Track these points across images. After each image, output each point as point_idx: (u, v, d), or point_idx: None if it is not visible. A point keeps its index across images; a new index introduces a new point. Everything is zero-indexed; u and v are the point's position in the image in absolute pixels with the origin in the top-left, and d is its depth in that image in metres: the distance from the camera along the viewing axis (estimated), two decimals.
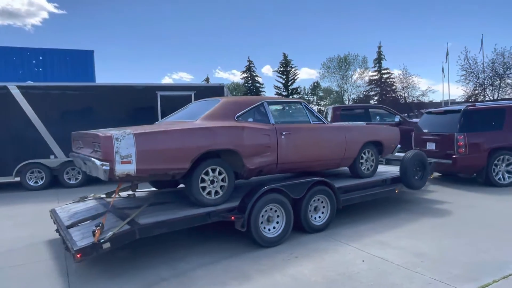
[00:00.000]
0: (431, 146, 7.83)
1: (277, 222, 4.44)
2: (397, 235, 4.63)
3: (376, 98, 53.45)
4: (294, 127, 5.11)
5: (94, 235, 3.41)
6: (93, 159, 3.79)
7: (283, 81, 62.32)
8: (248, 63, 66.29)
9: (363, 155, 5.92)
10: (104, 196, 5.15)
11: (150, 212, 4.15)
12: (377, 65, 54.03)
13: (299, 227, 4.65)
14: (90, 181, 9.16)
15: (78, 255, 3.29)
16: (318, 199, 4.81)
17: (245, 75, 65.11)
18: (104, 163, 3.59)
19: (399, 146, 6.72)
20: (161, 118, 9.29)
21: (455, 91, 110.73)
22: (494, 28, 67.86)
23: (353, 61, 53.12)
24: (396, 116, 10.45)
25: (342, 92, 55.52)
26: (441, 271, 3.48)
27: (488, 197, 6.59)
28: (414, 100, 46.02)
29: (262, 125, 4.81)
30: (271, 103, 5.22)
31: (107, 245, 3.42)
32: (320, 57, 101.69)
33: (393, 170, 6.51)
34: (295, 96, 63.97)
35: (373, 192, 5.61)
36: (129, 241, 3.68)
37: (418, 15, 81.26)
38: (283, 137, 4.86)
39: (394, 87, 51.90)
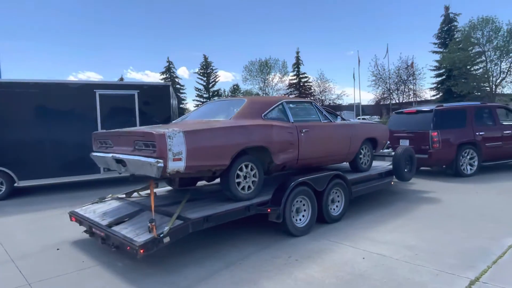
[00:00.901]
0: (404, 142, 8.50)
1: (304, 214, 4.79)
2: (381, 230, 4.78)
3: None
4: (310, 125, 5.38)
5: (150, 230, 3.52)
6: (140, 157, 3.84)
7: (204, 83, 61.77)
8: (167, 64, 64.34)
9: (361, 150, 6.32)
10: (123, 196, 5.23)
11: (190, 208, 4.20)
12: (296, 69, 56.53)
13: (320, 218, 4.95)
14: (14, 193, 7.93)
15: (141, 251, 3.38)
16: (335, 192, 5.23)
17: (164, 76, 63.13)
18: (159, 160, 3.61)
19: (388, 142, 7.31)
20: (101, 120, 8.43)
21: (366, 95, 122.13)
22: (399, 37, 76.48)
23: (273, 65, 54.76)
24: (338, 116, 10.93)
25: (264, 95, 56.84)
26: (439, 262, 3.64)
27: (456, 188, 7.36)
28: (330, 103, 49.20)
29: (285, 123, 5.04)
30: (288, 102, 5.43)
31: (167, 239, 3.55)
32: (236, 60, 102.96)
33: (383, 164, 7.04)
34: (215, 98, 64.01)
35: (374, 184, 6.16)
36: (183, 235, 3.78)
37: (332, 25, 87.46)
38: (302, 134, 5.14)
39: (311, 90, 54.93)
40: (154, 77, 69.65)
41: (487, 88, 32.69)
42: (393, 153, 6.83)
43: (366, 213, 5.66)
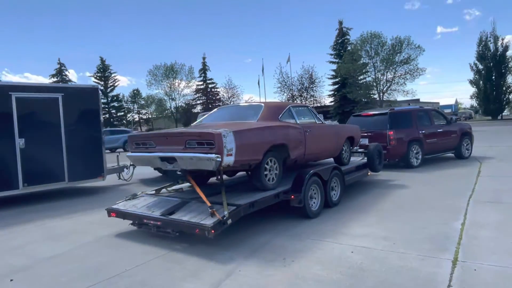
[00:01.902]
0: (364, 141, 9.50)
1: (314, 200, 5.66)
2: (350, 225, 5.07)
3: (202, 106, 55.68)
4: (311, 125, 6.30)
5: (212, 215, 4.16)
6: (196, 154, 4.41)
7: (102, 87, 57.62)
8: (59, 66, 58.43)
9: (343, 147, 7.37)
10: (153, 192, 5.79)
11: (231, 197, 4.83)
12: (203, 75, 56.36)
13: (325, 203, 5.86)
14: None
15: (212, 231, 3.99)
16: (334, 181, 6.22)
17: (55, 78, 57.16)
18: (217, 155, 4.23)
19: (361, 140, 8.66)
20: (19, 127, 7.29)
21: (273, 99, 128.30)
22: (302, 48, 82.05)
23: (180, 70, 53.71)
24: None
25: (169, 100, 55.26)
26: (417, 248, 4.04)
27: (406, 178, 8.50)
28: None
29: (295, 124, 5.91)
30: (294, 106, 6.27)
31: (229, 221, 4.21)
32: (139, 65, 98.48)
33: (355, 160, 8.21)
34: (115, 104, 60.10)
35: (358, 174, 7.45)
36: (237, 218, 4.40)
37: (237, 33, 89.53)
38: (307, 133, 6.00)
39: (219, 96, 55.36)
40: (37, 80, 62.35)
41: (375, 95, 37.19)
42: (360, 150, 8.40)
43: (329, 210, 5.94)
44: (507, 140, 17.07)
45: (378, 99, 35.91)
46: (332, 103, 44.65)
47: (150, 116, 63.33)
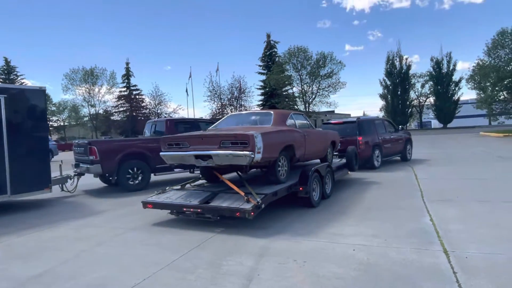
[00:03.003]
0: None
1: (315, 192, 6.69)
2: (335, 225, 5.34)
3: (126, 114, 52.98)
4: (307, 130, 7.48)
5: (248, 201, 5.16)
6: (231, 151, 5.39)
7: None
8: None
9: (328, 149, 8.62)
10: (179, 187, 6.68)
11: (255, 189, 5.69)
12: (126, 81, 53.72)
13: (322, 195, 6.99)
14: None
15: (252, 213, 4.97)
16: (327, 177, 7.33)
17: None
18: (251, 152, 5.25)
19: (339, 145, 9.96)
20: None
21: (202, 109, 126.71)
22: (233, 58, 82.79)
23: (100, 74, 50.50)
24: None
25: (88, 106, 51.50)
26: (407, 243, 4.44)
27: (371, 178, 8.77)
28: (166, 116, 48.78)
29: (298, 128, 7.11)
30: (294, 114, 7.50)
31: (263, 206, 5.24)
32: (55, 70, 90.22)
33: (334, 161, 9.44)
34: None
35: (341, 173, 8.70)
36: (266, 204, 5.41)
37: (165, 40, 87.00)
38: (306, 136, 7.15)
39: (144, 104, 53.19)
40: None
41: (301, 106, 39.20)
42: (335, 153, 9.77)
43: (309, 213, 6.18)
44: (416, 147, 19.26)
45: (304, 110, 37.88)
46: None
47: (62, 124, 58.13)
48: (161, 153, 6.30)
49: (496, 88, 31.91)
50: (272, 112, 7.13)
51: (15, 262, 4.39)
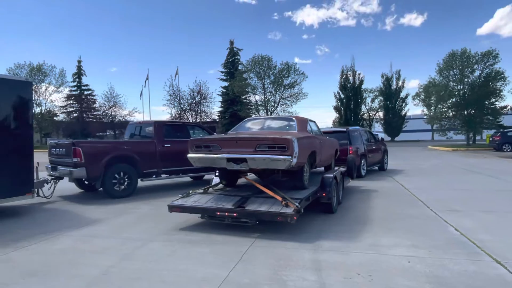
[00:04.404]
0: None
1: (334, 197, 6.67)
2: (367, 236, 5.20)
3: (75, 115, 49.83)
4: (321, 137, 7.58)
5: (287, 205, 5.09)
6: (269, 155, 5.31)
7: None
8: None
9: (333, 157, 8.89)
10: (201, 191, 6.38)
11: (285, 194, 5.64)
12: (77, 80, 50.58)
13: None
14: None
15: (295, 218, 4.92)
16: (341, 184, 7.47)
17: None
18: (291, 156, 5.26)
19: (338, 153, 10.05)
20: None
21: (161, 113, 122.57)
22: (195, 62, 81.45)
23: (49, 72, 46.90)
24: (214, 133, 10.89)
25: (35, 105, 47.51)
26: (455, 253, 4.40)
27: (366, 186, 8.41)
28: (121, 120, 46.51)
29: (316, 135, 7.24)
30: (310, 121, 7.54)
31: (302, 210, 5.24)
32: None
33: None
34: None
35: (346, 181, 8.77)
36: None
37: (121, 39, 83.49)
38: (321, 143, 7.23)
39: (95, 105, 50.40)
40: None
41: (263, 115, 39.33)
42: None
43: (327, 222, 5.98)
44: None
45: None
46: (219, 119, 45.40)
47: None
48: (188, 155, 6.10)
49: (445, 105, 34.46)
50: (294, 118, 7.18)
51: (30, 280, 3.69)
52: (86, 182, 9.61)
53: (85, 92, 50.50)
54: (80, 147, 7.95)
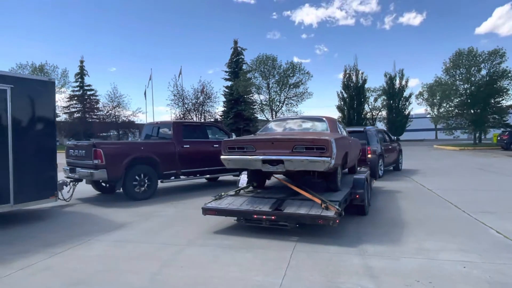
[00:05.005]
0: None
1: (367, 197, 6.59)
2: (410, 240, 5.03)
3: (78, 115, 49.64)
4: (350, 138, 7.30)
5: (327, 208, 4.94)
6: (308, 157, 5.14)
7: None
8: None
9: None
10: (233, 193, 6.21)
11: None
12: (80, 80, 50.39)
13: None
14: None
15: (337, 220, 4.79)
16: (370, 185, 7.49)
17: None
18: (330, 158, 5.07)
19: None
20: None
21: (164, 113, 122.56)
22: (200, 62, 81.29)
23: (51, 72, 46.67)
24: (232, 134, 10.71)
25: None
26: (508, 258, 4.25)
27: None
28: (125, 120, 46.32)
29: (345, 136, 6.96)
30: (338, 121, 7.40)
31: (343, 213, 5.13)
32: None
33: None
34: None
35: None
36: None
37: (124, 38, 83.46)
38: (350, 143, 6.93)
39: (98, 105, 50.20)
40: None
41: (268, 115, 39.17)
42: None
43: (363, 221, 5.81)
44: None
45: (271, 118, 37.89)
46: (222, 119, 45.19)
47: None
48: (221, 157, 5.90)
49: (452, 104, 34.30)
50: (324, 118, 7.01)
51: None
52: (104, 184, 9.45)
53: (88, 93, 50.26)
54: (101, 149, 7.78)
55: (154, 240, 5.17)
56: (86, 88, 50.48)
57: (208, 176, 10.34)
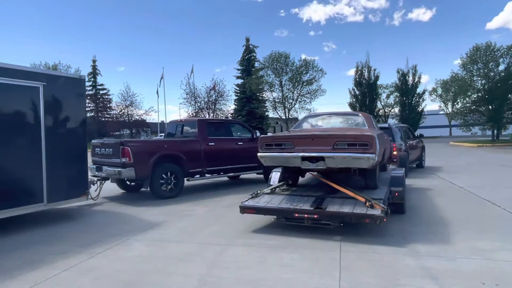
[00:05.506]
0: None
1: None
2: (457, 238, 4.81)
3: (91, 114, 50.03)
4: (385, 134, 7.01)
5: (372, 206, 4.76)
6: (351, 153, 4.98)
7: None
8: None
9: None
10: (269, 191, 5.96)
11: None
12: (92, 80, 50.76)
13: None
14: None
15: (384, 219, 4.60)
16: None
17: None
18: (374, 154, 4.89)
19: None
20: None
21: (176, 111, 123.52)
22: (212, 60, 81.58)
23: (65, 71, 47.09)
24: (256, 131, 10.55)
25: None
26: None
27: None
28: (138, 119, 46.54)
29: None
30: (372, 117, 7.16)
31: (389, 212, 4.92)
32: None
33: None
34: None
35: None
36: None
37: (136, 36, 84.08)
38: (386, 139, 6.68)
39: (111, 104, 50.54)
40: None
41: (280, 112, 38.93)
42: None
43: (403, 219, 5.61)
44: None
45: (284, 117, 37.68)
46: (233, 117, 45.07)
47: None
48: (258, 154, 5.74)
49: (469, 100, 33.68)
50: (360, 114, 6.92)
51: None
52: (128, 183, 9.39)
53: (101, 92, 50.60)
54: (129, 147, 7.69)
55: (192, 239, 5.05)
56: (98, 87, 50.85)
57: (232, 174, 10.19)
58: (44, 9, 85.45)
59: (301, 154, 5.28)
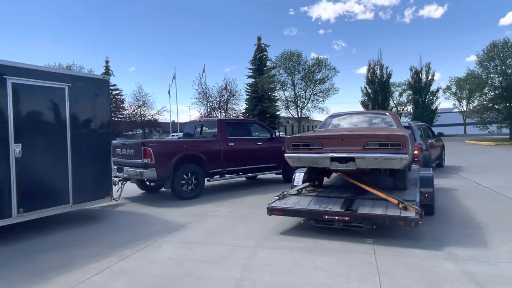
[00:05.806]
0: None
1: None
2: (495, 242, 4.65)
3: None
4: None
5: (405, 208, 4.62)
6: (383, 154, 4.82)
7: None
8: None
9: None
10: (295, 193, 5.85)
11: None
12: None
13: None
14: None
15: (419, 222, 4.45)
16: None
17: None
18: (406, 155, 4.74)
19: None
20: (15, 125, 5.11)
21: (187, 111, 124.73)
22: (226, 59, 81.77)
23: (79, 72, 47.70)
24: (276, 131, 10.47)
25: None
26: None
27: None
28: (151, 119, 46.82)
29: None
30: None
31: (423, 214, 4.73)
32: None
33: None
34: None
35: None
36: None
37: (147, 37, 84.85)
38: (413, 138, 6.52)
39: (123, 104, 50.93)
40: None
41: (293, 111, 38.73)
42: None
43: (434, 220, 5.45)
44: None
45: (296, 116, 37.47)
46: (244, 116, 45.02)
47: None
48: (285, 155, 5.61)
49: (486, 97, 33.00)
50: (387, 113, 6.78)
51: None
52: (149, 183, 9.39)
53: (113, 92, 51.04)
54: (151, 147, 7.67)
55: (221, 241, 4.98)
56: (111, 88, 51.24)
57: (251, 174, 10.11)
58: (56, 11, 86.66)
59: (330, 154, 5.15)
